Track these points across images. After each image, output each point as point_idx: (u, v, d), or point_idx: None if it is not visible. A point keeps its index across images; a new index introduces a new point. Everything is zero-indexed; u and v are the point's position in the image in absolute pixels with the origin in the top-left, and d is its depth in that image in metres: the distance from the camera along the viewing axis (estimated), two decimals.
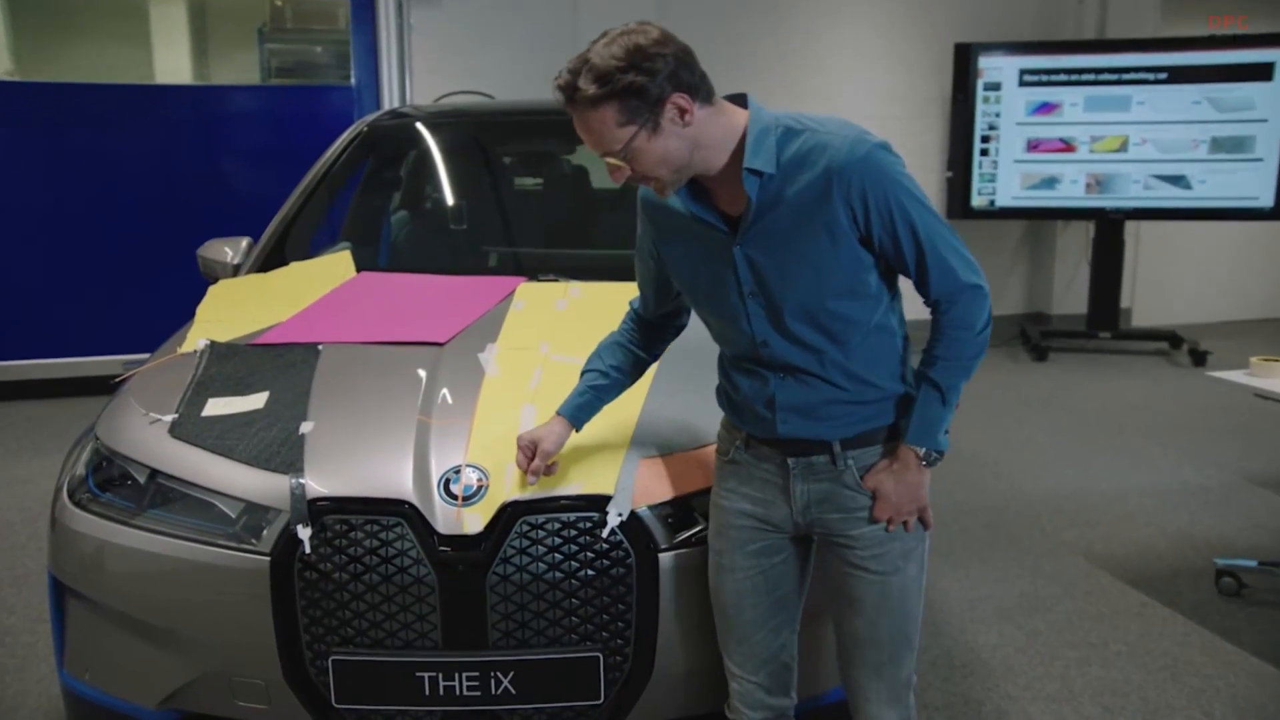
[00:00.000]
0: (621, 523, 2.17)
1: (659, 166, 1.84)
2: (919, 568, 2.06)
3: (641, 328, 2.22)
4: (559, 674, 2.19)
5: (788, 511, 2.04)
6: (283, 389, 2.53)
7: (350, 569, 2.16)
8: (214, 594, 2.22)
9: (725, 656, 2.16)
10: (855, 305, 1.92)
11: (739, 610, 2.10)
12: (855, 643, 2.08)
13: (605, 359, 2.21)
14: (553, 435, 2.18)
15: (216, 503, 2.26)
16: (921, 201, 1.89)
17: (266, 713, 2.28)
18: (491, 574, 2.15)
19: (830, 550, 2.06)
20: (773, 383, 1.98)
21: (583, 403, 2.21)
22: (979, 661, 3.27)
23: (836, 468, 1.99)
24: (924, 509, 2.02)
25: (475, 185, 4.01)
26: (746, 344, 1.99)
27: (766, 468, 2.04)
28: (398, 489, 2.20)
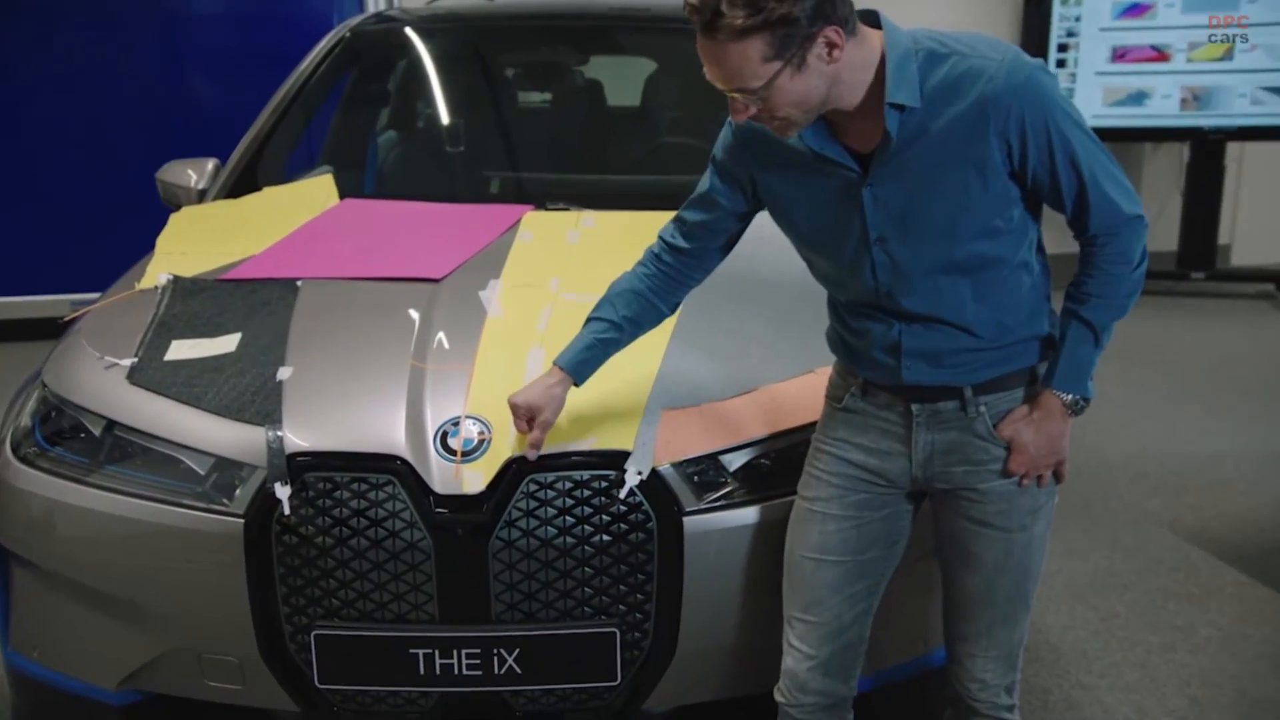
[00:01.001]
0: (641, 482, 2.19)
1: (794, 106, 1.84)
2: (1046, 524, 2.12)
3: (666, 270, 2.22)
4: (570, 651, 2.22)
5: (906, 465, 2.08)
6: (257, 330, 2.55)
7: (335, 533, 2.18)
8: (180, 561, 2.25)
9: (786, 626, 2.19)
10: (996, 244, 1.95)
11: (818, 568, 2.13)
12: (968, 600, 2.14)
13: (618, 307, 2.20)
14: (552, 400, 2.19)
15: (183, 458, 2.29)
16: (1083, 129, 1.91)
17: (240, 694, 2.32)
18: (494, 539, 2.17)
19: (950, 504, 2.11)
20: (897, 328, 2.02)
21: (588, 357, 2.21)
22: (1047, 645, 3.29)
23: (967, 415, 2.03)
24: (1062, 462, 2.08)
25: (474, 101, 4.01)
26: (868, 293, 2.02)
27: (886, 416, 2.08)
28: (388, 443, 2.22)
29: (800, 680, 2.17)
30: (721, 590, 2.25)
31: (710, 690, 2.36)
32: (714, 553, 2.23)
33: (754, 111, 1.85)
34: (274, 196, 3.31)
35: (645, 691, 2.29)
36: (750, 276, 2.61)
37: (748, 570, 2.25)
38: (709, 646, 2.28)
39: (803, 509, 2.16)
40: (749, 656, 2.30)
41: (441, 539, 2.17)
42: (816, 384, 2.23)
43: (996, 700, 2.17)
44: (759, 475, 2.30)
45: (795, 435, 2.28)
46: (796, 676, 2.17)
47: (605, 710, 2.30)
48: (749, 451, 2.30)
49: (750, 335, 2.54)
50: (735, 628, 2.28)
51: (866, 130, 1.91)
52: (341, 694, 2.27)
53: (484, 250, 2.87)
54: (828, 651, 2.16)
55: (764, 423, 2.31)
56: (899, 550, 2.18)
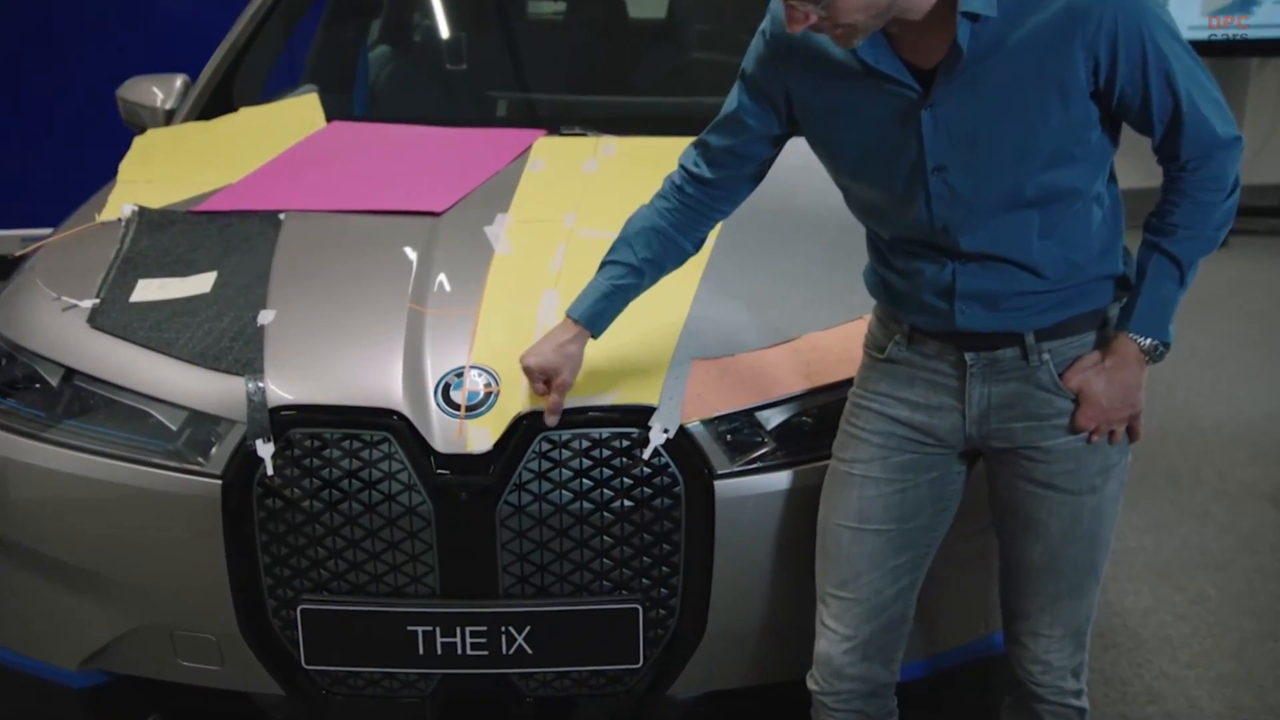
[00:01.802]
0: (667, 441, 2.22)
1: (861, 11, 1.84)
2: (1118, 487, 2.13)
3: (689, 202, 2.23)
4: (587, 630, 2.26)
5: (958, 421, 2.09)
6: (235, 268, 2.58)
7: (323, 496, 2.21)
8: (149, 527, 2.29)
9: (820, 605, 2.20)
10: (1071, 172, 1.95)
11: (857, 538, 2.14)
12: (1029, 572, 2.15)
13: (636, 249, 2.20)
14: (569, 359, 2.20)
15: (152, 411, 2.32)
16: (1181, 42, 1.91)
17: (217, 675, 2.37)
18: (503, 504, 2.20)
19: (1009, 465, 2.12)
20: (951, 268, 2.02)
21: (605, 307, 2.22)
22: (1125, 630, 3.32)
23: (1028, 364, 2.04)
24: (1136, 416, 2.08)
25: (479, 11, 4.01)
26: (920, 229, 2.02)
27: (936, 367, 2.09)
28: (383, 395, 2.25)
29: (835, 665, 2.18)
30: (756, 563, 2.28)
31: (741, 675, 2.39)
32: (748, 521, 2.26)
33: (814, 20, 1.84)
34: (252, 118, 3.33)
35: (670, 675, 2.32)
36: (790, 210, 2.63)
37: (786, 541, 2.27)
38: (741, 626, 2.32)
39: (839, 472, 2.17)
40: (786, 638, 2.32)
41: (443, 503, 2.20)
42: (863, 332, 2.23)
43: (1062, 684, 2.19)
44: (799, 435, 2.32)
45: (840, 390, 2.28)
46: (831, 661, 2.18)
47: (626, 696, 2.34)
48: (788, 408, 2.32)
49: (790, 277, 2.55)
50: (771, 605, 2.31)
51: (931, 43, 1.91)
52: (331, 676, 2.31)
53: (490, 181, 2.88)
54: (867, 632, 2.17)
55: (805, 376, 2.33)
56: (947, 518, 2.19)
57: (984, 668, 2.48)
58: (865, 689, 2.20)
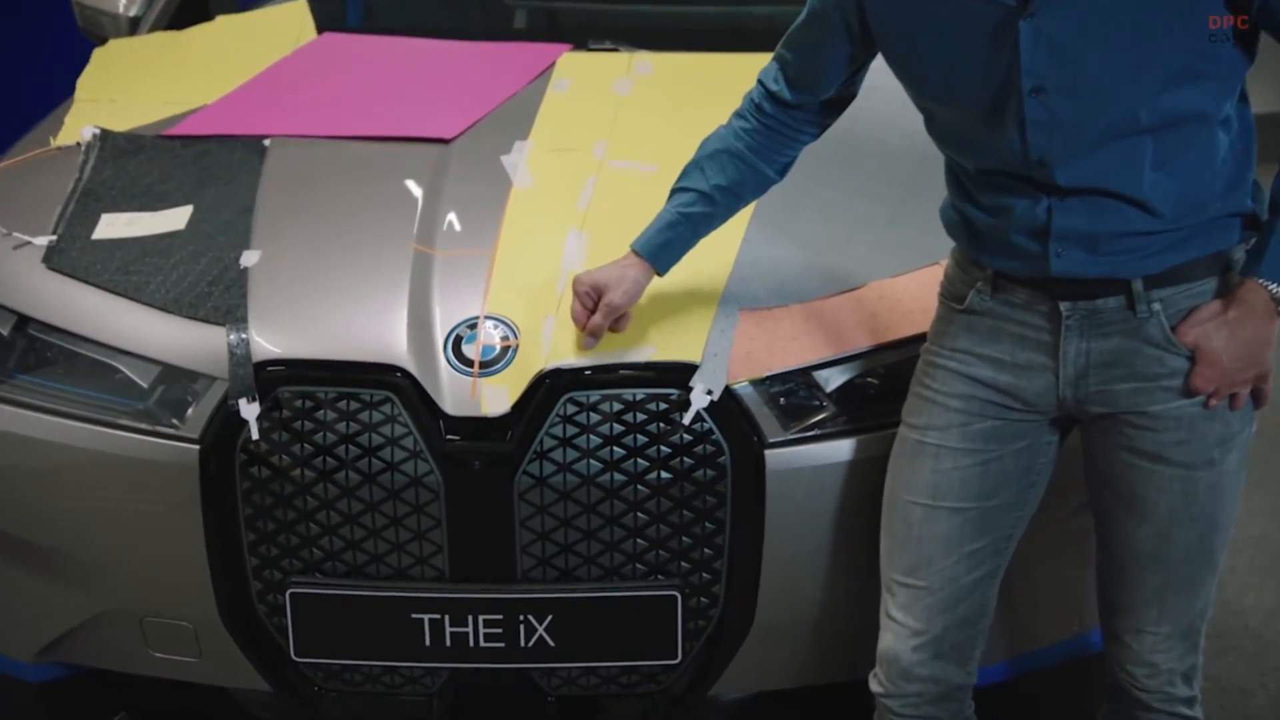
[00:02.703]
0: (712, 404, 2.25)
1: None
2: (1240, 461, 2.12)
3: (770, 123, 2.23)
4: (618, 620, 2.29)
5: (1050, 381, 2.09)
6: (213, 202, 2.61)
7: (316, 464, 2.25)
8: (116, 498, 2.33)
9: (886, 594, 2.21)
10: (1195, 93, 1.95)
11: (930, 518, 2.15)
12: (1133, 559, 2.15)
13: (709, 174, 2.22)
14: (625, 280, 2.23)
15: (119, 365, 2.36)
16: None
17: (194, 668, 2.42)
18: (522, 475, 2.24)
19: (1110, 434, 2.11)
20: (1046, 204, 2.01)
21: (671, 238, 2.24)
22: (1247, 632, 3.32)
23: (1135, 315, 2.03)
24: (1263, 377, 2.07)
25: None
26: (1012, 160, 2.02)
27: (1026, 319, 2.08)
28: (385, 349, 2.28)
29: (903, 664, 2.18)
30: (812, 544, 2.31)
31: (794, 674, 2.43)
32: (804, 496, 2.29)
33: None
34: (231, 28, 3.35)
35: (714, 673, 2.36)
36: (855, 139, 2.62)
37: (846, 519, 2.30)
38: (795, 617, 2.35)
39: (910, 441, 2.18)
40: (846, 632, 2.36)
41: (453, 473, 2.23)
42: (940, 280, 2.23)
43: (1171, 690, 2.19)
44: (863, 397, 2.35)
45: (911, 346, 2.29)
46: (898, 659, 2.19)
47: (662, 697, 2.38)
48: (851, 366, 2.35)
49: (855, 216, 2.58)
50: (829, 593, 2.34)
51: None
52: (324, 670, 2.36)
53: (507, 103, 2.90)
54: (939, 626, 2.17)
55: (870, 329, 2.35)
56: (1035, 496, 2.20)
57: (1077, 670, 2.50)
58: (936, 692, 2.20)
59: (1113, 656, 2.23)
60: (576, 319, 2.26)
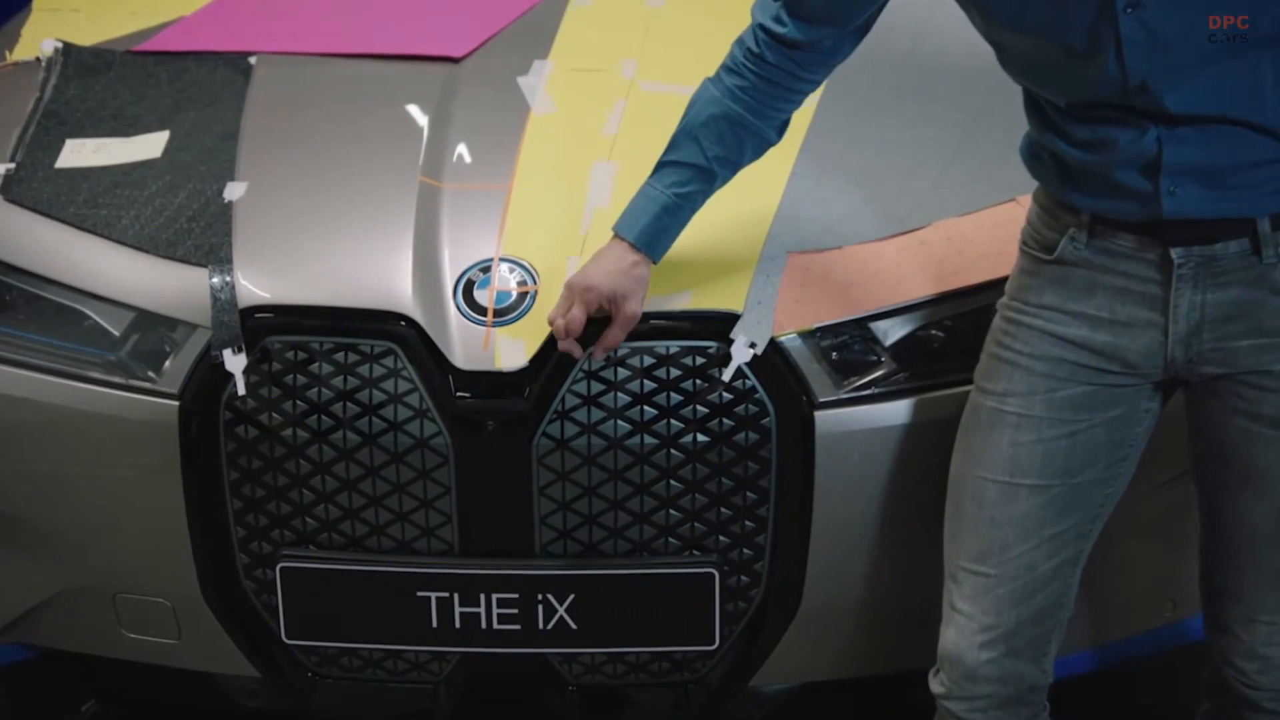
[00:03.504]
0: (755, 359, 2.26)
1: None
2: None
3: (771, 74, 2.20)
4: (648, 601, 2.32)
5: (1157, 339, 2.06)
6: (193, 127, 2.63)
7: (310, 423, 2.27)
8: (86, 461, 2.36)
9: (950, 582, 2.19)
10: None
11: (1006, 497, 2.12)
12: (1246, 538, 2.13)
13: (705, 143, 2.20)
14: (639, 284, 2.21)
15: (87, 311, 2.39)
16: None
17: (174, 651, 2.45)
18: (541, 437, 2.25)
19: (1224, 397, 2.09)
20: (1154, 135, 1.98)
21: (668, 225, 2.23)
22: None
23: (1260, 261, 2.00)
24: None
25: None
26: (1109, 88, 1.98)
27: (1129, 270, 2.06)
28: (388, 295, 2.30)
29: (968, 663, 2.16)
30: (867, 518, 2.33)
31: (845, 664, 2.45)
32: (857, 463, 2.30)
33: None
34: None
35: (755, 661, 2.38)
36: (917, 59, 2.65)
37: (907, 491, 2.31)
38: (847, 600, 2.37)
39: (985, 408, 2.15)
40: (905, 619, 2.38)
41: (464, 435, 2.26)
42: (1017, 219, 2.21)
43: None
44: (926, 353, 2.36)
45: (982, 295, 2.30)
46: (962, 657, 2.17)
47: (697, 687, 2.40)
48: (912, 318, 2.36)
49: (918, 147, 2.58)
50: (886, 574, 2.36)
51: None
52: (318, 654, 2.39)
53: (524, 17, 2.91)
54: (1012, 620, 2.15)
55: (936, 275, 2.35)
56: (1126, 471, 2.17)
57: (1171, 663, 2.50)
58: (1007, 694, 2.18)
59: (1218, 649, 2.21)
60: (572, 330, 2.18)
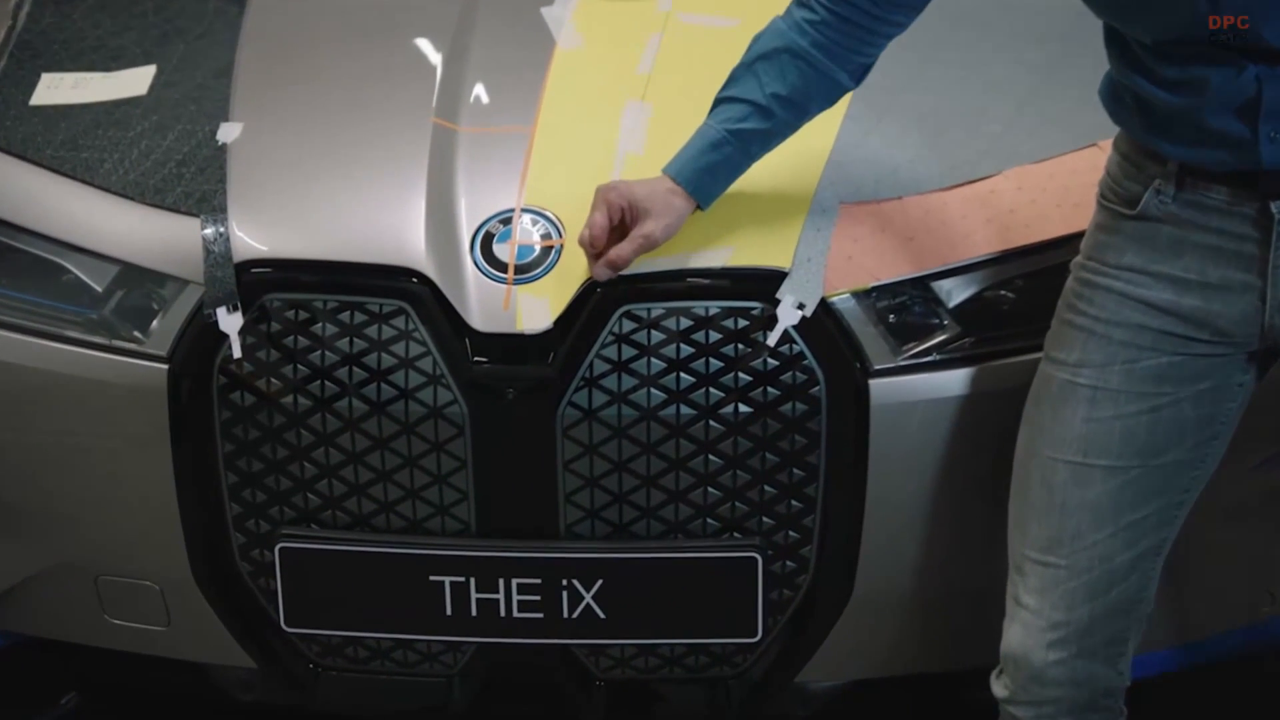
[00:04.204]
0: (803, 321, 2.27)
1: None
2: None
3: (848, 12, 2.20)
4: (684, 588, 2.33)
5: (1254, 304, 2.05)
6: (182, 62, 2.65)
7: (312, 390, 2.29)
8: (66, 429, 2.39)
9: (1015, 574, 2.18)
10: None
11: (1080, 479, 2.12)
12: None
13: (765, 80, 2.21)
14: (670, 210, 2.22)
15: (67, 265, 2.42)
16: None
17: (162, 639, 2.48)
18: (567, 406, 2.27)
19: None
20: (1254, 73, 1.96)
21: (716, 161, 2.23)
22: None
23: None
24: None
25: None
26: (1200, 24, 1.96)
27: (1223, 226, 2.05)
28: (398, 249, 2.32)
29: (1034, 663, 2.16)
30: (926, 498, 2.34)
31: (899, 659, 2.47)
32: (916, 437, 2.32)
33: None
34: None
35: (800, 655, 2.41)
36: None
37: (970, 469, 2.33)
38: (903, 589, 2.39)
39: (1056, 381, 2.14)
40: (966, 610, 2.39)
41: (482, 404, 2.27)
42: (1097, 167, 2.20)
43: None
44: (994, 315, 2.37)
45: (1057, 252, 2.31)
46: (1028, 657, 2.16)
47: (737, 682, 2.42)
48: (978, 276, 2.37)
49: (985, 87, 2.59)
50: (947, 561, 2.38)
51: None
52: (321, 643, 2.42)
53: None
54: (1084, 616, 2.14)
55: (1006, 229, 2.36)
56: (1216, 451, 2.16)
57: (1265, 663, 2.52)
58: (1079, 698, 2.18)
59: None
60: (595, 236, 2.22)
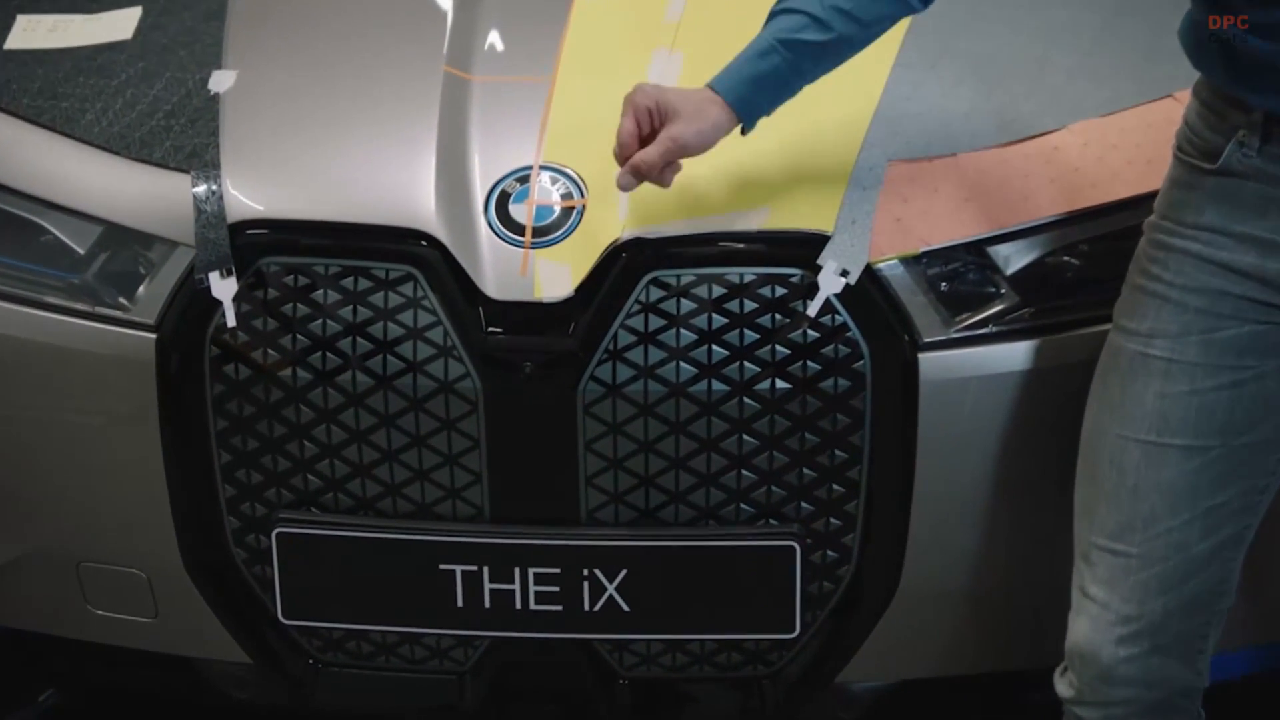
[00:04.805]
0: (847, 289, 2.28)
1: None
2: None
3: None
4: (715, 580, 2.35)
5: None
6: (171, 4, 2.68)
7: (313, 362, 2.31)
8: (44, 404, 2.41)
9: (1081, 563, 2.19)
10: None
11: (1154, 460, 2.12)
12: None
13: None
14: (702, 116, 2.20)
15: (45, 224, 2.44)
16: None
17: (149, 631, 2.51)
18: (589, 381, 2.29)
19: None
20: None
21: (763, 72, 2.21)
22: None
23: None
24: None
25: None
26: None
27: None
28: (406, 209, 2.34)
29: (1104, 661, 2.16)
30: (980, 483, 2.36)
31: (952, 659, 2.49)
32: (969, 415, 2.33)
33: None
34: None
35: (842, 653, 2.42)
36: None
37: (1030, 450, 2.34)
38: (954, 582, 2.40)
39: (1126, 353, 2.15)
40: (1025, 605, 2.41)
41: (497, 378, 2.29)
42: (1172, 122, 2.20)
43: None
44: (1058, 283, 2.38)
45: (1128, 214, 2.31)
46: (1097, 654, 2.17)
47: (773, 682, 2.44)
48: (1041, 240, 2.37)
49: (1052, 29, 2.59)
50: (1003, 552, 2.39)
51: None
52: (321, 638, 2.44)
53: None
54: (1159, 610, 2.15)
55: (1070, 189, 2.36)
56: None
57: None
58: (1152, 699, 2.18)
59: None
60: (622, 143, 2.20)
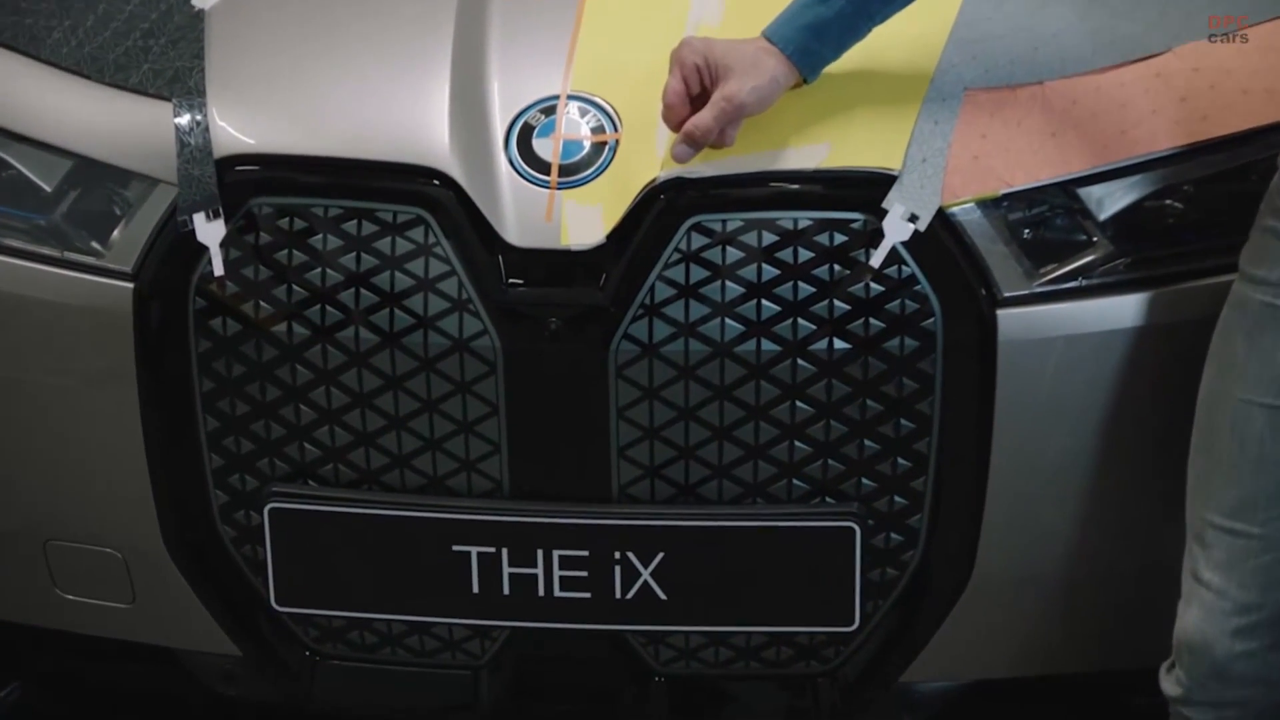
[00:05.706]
0: (917, 236, 2.30)
1: None
2: None
3: None
4: (764, 565, 2.38)
5: None
6: None
7: (311, 316, 2.34)
8: (8, 362, 2.46)
9: (1194, 545, 2.21)
10: None
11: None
12: None
13: None
14: (759, 71, 2.24)
15: (8, 158, 2.50)
16: None
17: (126, 619, 2.55)
18: (623, 340, 2.31)
19: None
20: None
21: (824, 18, 2.25)
22: None
23: None
24: None
25: None
26: None
27: None
28: (416, 144, 2.36)
29: (1218, 655, 2.19)
30: (1068, 458, 2.38)
31: (1033, 657, 2.52)
32: (1056, 381, 2.35)
33: None
34: None
35: (907, 650, 2.45)
36: None
37: (1126, 419, 2.36)
38: (1036, 570, 2.43)
39: (1254, 304, 2.15)
40: (1120, 597, 2.43)
41: (518, 336, 2.32)
42: None
43: None
44: (1161, 230, 2.40)
45: (1247, 149, 2.34)
46: (1210, 647, 2.20)
47: (829, 681, 2.47)
48: (1143, 180, 2.39)
49: None
50: (1093, 536, 2.40)
51: None
52: (318, 626, 2.47)
53: None
54: None
55: (1176, 122, 2.36)
56: None
57: None
58: (1271, 700, 2.23)
59: None
60: (670, 105, 2.25)
